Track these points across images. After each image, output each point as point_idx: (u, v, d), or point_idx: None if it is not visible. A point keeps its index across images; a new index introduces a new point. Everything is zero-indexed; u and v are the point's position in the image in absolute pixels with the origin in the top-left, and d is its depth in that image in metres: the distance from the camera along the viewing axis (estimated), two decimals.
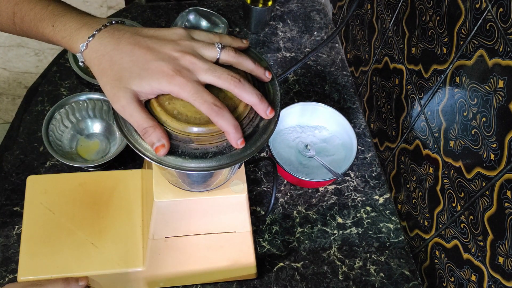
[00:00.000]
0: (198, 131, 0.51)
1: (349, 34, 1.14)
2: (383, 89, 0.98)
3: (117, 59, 0.50)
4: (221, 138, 0.52)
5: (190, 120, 0.51)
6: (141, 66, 0.50)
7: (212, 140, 0.52)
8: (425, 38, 0.80)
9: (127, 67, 0.50)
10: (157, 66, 0.49)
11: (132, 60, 0.50)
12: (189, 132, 0.51)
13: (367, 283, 0.84)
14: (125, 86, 0.50)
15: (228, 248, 0.77)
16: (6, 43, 2.04)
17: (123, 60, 0.50)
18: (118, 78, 0.50)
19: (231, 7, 1.19)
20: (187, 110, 0.52)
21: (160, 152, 0.50)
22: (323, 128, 0.98)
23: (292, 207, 0.91)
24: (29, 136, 0.93)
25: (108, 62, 0.51)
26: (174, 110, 0.52)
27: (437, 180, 0.80)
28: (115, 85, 0.50)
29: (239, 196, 0.68)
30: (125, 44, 0.51)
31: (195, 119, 0.51)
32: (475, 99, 0.68)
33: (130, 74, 0.49)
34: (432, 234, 0.83)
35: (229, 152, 0.52)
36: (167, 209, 0.68)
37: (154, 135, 0.50)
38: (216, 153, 0.52)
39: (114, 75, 0.50)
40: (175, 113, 0.52)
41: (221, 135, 0.52)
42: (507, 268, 0.64)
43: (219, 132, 0.52)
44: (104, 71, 0.51)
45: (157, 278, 0.77)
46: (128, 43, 0.51)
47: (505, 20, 0.60)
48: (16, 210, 0.84)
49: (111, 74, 0.50)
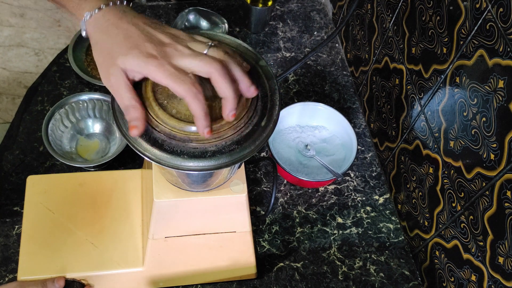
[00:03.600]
0: (196, 130, 0.51)
1: (349, 34, 1.14)
2: (383, 89, 0.98)
3: (113, 35, 0.52)
4: (220, 137, 0.52)
5: (188, 119, 0.51)
6: (130, 45, 0.51)
7: (210, 139, 0.52)
8: (425, 38, 0.80)
9: (119, 43, 0.51)
10: (144, 47, 0.50)
11: (126, 38, 0.51)
12: (188, 131, 0.51)
13: (367, 283, 0.84)
14: (114, 62, 0.51)
15: (228, 248, 0.77)
16: (6, 43, 2.04)
17: (118, 37, 0.52)
18: (109, 52, 0.51)
19: (231, 7, 1.19)
20: (185, 109, 0.52)
21: (132, 132, 0.51)
22: (323, 128, 0.98)
23: (292, 207, 0.91)
24: (29, 136, 0.93)
25: (105, 36, 0.52)
26: (173, 109, 0.52)
27: (437, 180, 0.80)
28: (106, 59, 0.52)
29: (239, 196, 0.68)
30: (125, 22, 0.52)
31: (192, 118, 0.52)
32: (475, 99, 0.68)
33: (120, 50, 0.51)
34: (432, 234, 0.83)
35: (228, 152, 0.52)
36: (167, 209, 0.68)
37: (132, 115, 0.51)
38: (215, 152, 0.52)
39: (107, 50, 0.52)
40: (174, 112, 0.52)
41: (220, 134, 0.52)
42: (507, 268, 0.64)
43: (218, 131, 0.52)
44: (100, 44, 0.53)
45: (157, 278, 0.77)
46: (127, 22, 0.52)
47: (505, 20, 0.60)
48: (16, 210, 0.84)
49: (105, 48, 0.52)
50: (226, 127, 0.52)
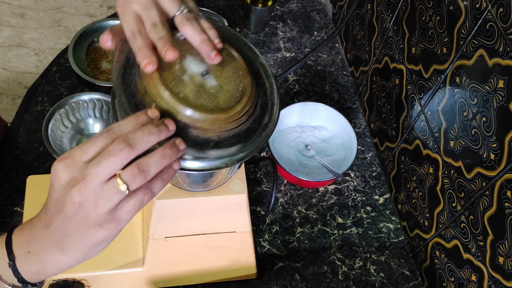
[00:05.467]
0: (199, 117, 0.50)
1: (349, 34, 1.14)
2: (383, 89, 0.98)
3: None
4: (225, 127, 0.51)
5: (193, 104, 0.50)
6: None
7: (214, 127, 0.51)
8: (425, 38, 0.80)
9: None
10: None
11: None
12: (191, 116, 0.50)
13: (367, 283, 0.84)
14: None
15: (228, 248, 0.77)
16: (6, 43, 2.04)
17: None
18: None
19: (231, 7, 1.19)
20: (192, 94, 0.51)
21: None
22: (323, 128, 0.98)
23: (292, 207, 0.91)
24: (29, 136, 0.93)
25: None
26: (180, 93, 0.51)
27: (437, 180, 0.80)
28: None
29: (239, 196, 0.68)
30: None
31: (199, 105, 0.51)
32: (475, 99, 0.68)
33: None
34: (432, 234, 0.83)
35: (229, 145, 0.52)
36: (167, 209, 0.68)
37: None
38: (218, 143, 0.51)
39: None
40: (181, 96, 0.51)
41: (225, 124, 0.51)
42: (507, 268, 0.64)
43: (223, 120, 0.51)
44: None
45: (157, 278, 0.77)
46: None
47: (505, 20, 0.60)
48: (16, 210, 0.84)
49: None
50: (228, 120, 0.51)
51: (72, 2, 2.20)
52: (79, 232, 0.46)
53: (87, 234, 0.46)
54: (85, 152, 0.45)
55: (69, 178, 0.44)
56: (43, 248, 0.47)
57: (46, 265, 0.48)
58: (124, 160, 0.45)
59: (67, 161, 0.45)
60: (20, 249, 0.48)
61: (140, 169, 0.45)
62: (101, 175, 0.44)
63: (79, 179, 0.44)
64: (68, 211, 0.45)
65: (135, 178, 0.45)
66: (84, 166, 0.45)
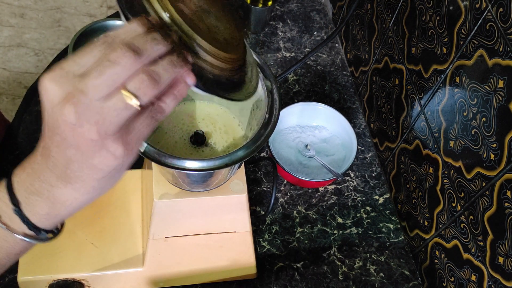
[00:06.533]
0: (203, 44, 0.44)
1: (349, 34, 1.14)
2: (383, 89, 0.98)
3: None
4: (220, 65, 0.46)
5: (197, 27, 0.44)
6: None
7: (212, 60, 0.45)
8: (425, 38, 0.80)
9: None
10: None
11: None
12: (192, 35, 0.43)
13: (367, 283, 0.84)
14: None
15: (228, 248, 0.77)
16: (6, 43, 2.04)
17: None
18: None
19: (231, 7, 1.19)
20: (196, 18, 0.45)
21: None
22: (323, 128, 0.98)
23: (292, 207, 0.91)
24: (29, 136, 0.93)
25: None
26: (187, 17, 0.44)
27: (437, 180, 0.80)
28: None
29: (239, 196, 0.68)
30: None
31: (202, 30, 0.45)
32: (475, 99, 0.68)
33: None
34: (432, 234, 0.83)
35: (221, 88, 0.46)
36: (167, 209, 0.68)
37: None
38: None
39: None
40: (188, 17, 0.44)
41: (221, 63, 0.46)
42: (507, 268, 0.64)
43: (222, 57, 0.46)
44: None
45: (157, 278, 0.77)
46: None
47: (505, 20, 0.60)
48: None
49: None
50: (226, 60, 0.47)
51: (72, 2, 2.21)
52: (81, 158, 0.39)
53: (91, 161, 0.39)
54: (78, 63, 0.37)
55: (62, 93, 0.36)
56: (46, 184, 0.41)
57: (55, 203, 0.42)
58: (128, 70, 0.36)
59: (56, 73, 0.37)
60: (23, 191, 0.43)
61: (149, 77, 0.37)
62: (102, 87, 0.36)
63: (74, 93, 0.36)
64: (64, 133, 0.38)
65: (145, 88, 0.37)
66: (79, 78, 0.36)
